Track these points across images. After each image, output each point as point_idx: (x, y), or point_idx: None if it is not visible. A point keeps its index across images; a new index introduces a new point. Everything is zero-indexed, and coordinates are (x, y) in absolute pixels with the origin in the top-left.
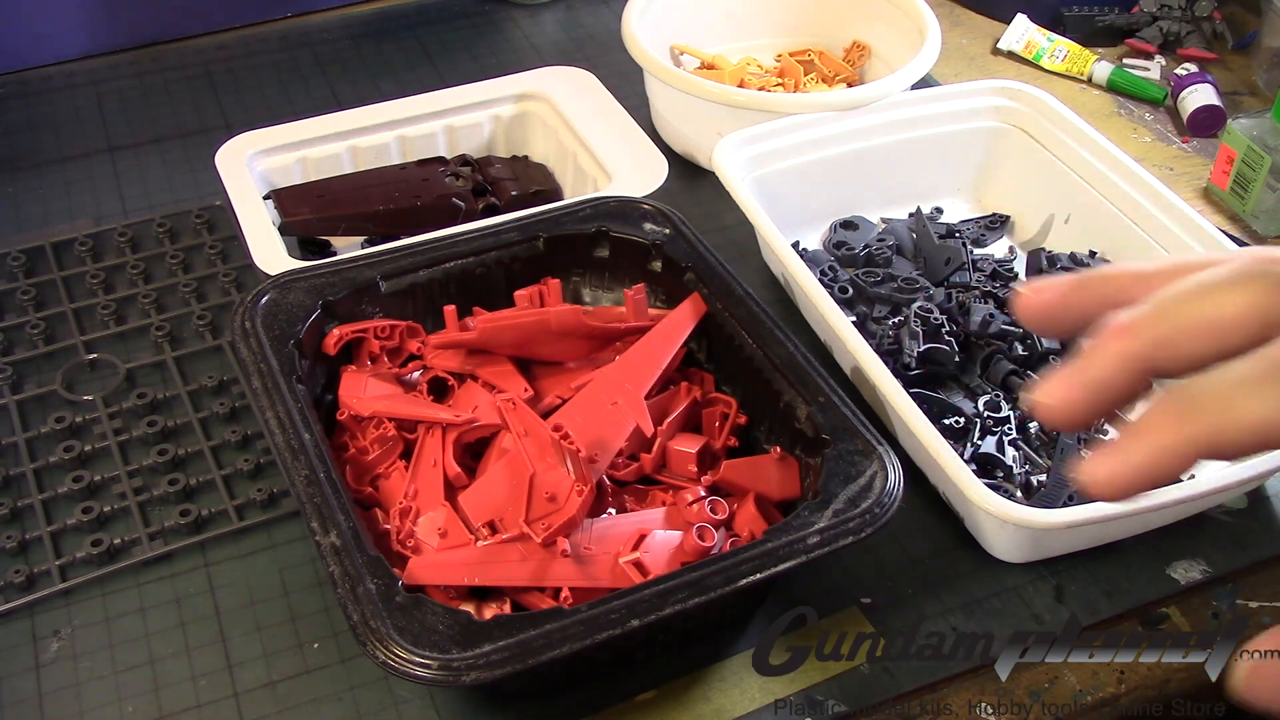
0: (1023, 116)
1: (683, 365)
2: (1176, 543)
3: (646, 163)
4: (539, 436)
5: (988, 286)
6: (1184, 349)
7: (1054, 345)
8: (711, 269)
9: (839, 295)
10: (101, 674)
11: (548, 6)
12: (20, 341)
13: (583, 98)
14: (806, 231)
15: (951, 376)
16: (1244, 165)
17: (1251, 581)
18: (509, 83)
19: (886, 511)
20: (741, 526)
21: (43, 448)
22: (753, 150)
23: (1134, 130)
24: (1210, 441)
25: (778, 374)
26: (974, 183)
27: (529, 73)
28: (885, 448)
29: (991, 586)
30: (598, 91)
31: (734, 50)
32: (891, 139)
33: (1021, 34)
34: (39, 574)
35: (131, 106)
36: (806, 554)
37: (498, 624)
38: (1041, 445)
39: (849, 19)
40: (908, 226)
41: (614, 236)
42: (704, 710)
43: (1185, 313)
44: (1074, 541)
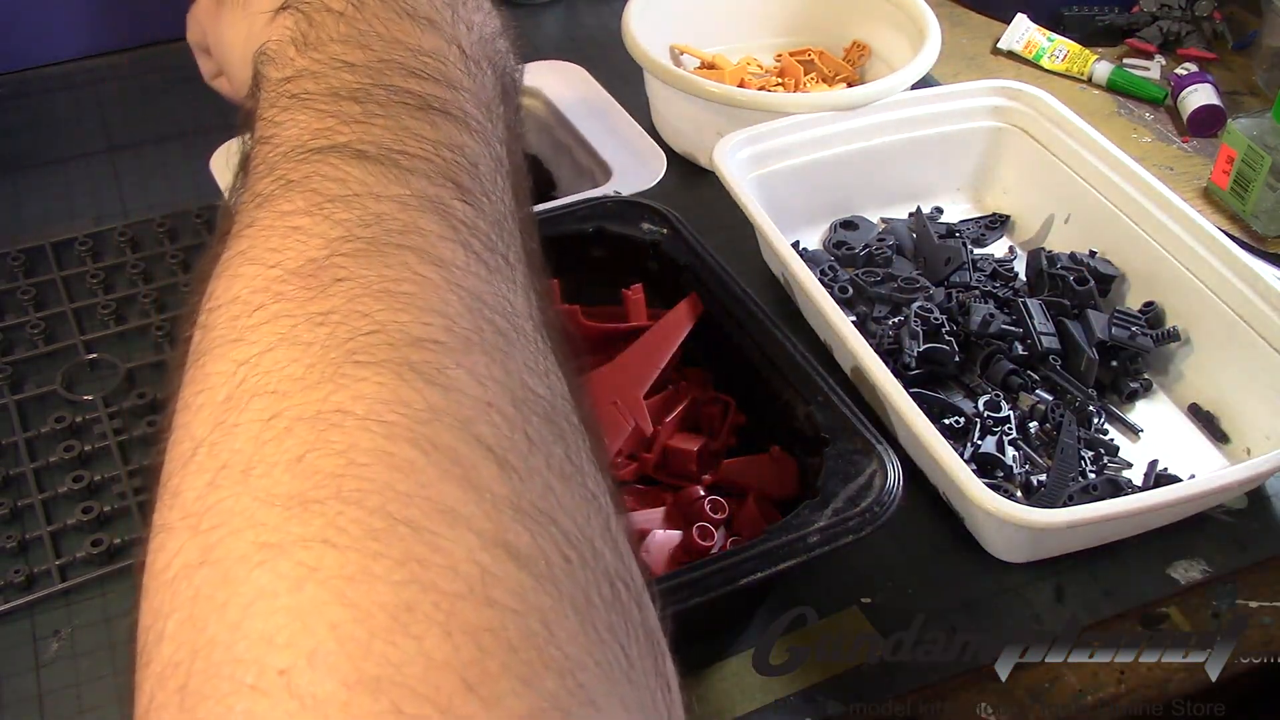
0: (1023, 116)
1: (681, 365)
2: (1176, 543)
3: (645, 157)
4: None
5: (988, 286)
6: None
7: (1054, 345)
8: (709, 268)
9: (839, 295)
10: (101, 674)
11: (548, 6)
12: (20, 341)
13: (576, 92)
14: (806, 231)
15: (951, 376)
16: (1244, 165)
17: (1251, 581)
18: None
19: (886, 510)
20: (741, 526)
21: (43, 448)
22: (753, 150)
23: (1134, 130)
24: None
25: (776, 373)
26: (974, 183)
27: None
28: (884, 446)
29: (991, 586)
30: (591, 86)
31: (734, 50)
32: (891, 139)
33: (1021, 34)
34: (39, 574)
35: (131, 106)
36: (806, 553)
37: None
38: (1041, 445)
39: (849, 19)
40: (908, 226)
41: (612, 236)
42: (704, 710)
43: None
44: (1074, 541)
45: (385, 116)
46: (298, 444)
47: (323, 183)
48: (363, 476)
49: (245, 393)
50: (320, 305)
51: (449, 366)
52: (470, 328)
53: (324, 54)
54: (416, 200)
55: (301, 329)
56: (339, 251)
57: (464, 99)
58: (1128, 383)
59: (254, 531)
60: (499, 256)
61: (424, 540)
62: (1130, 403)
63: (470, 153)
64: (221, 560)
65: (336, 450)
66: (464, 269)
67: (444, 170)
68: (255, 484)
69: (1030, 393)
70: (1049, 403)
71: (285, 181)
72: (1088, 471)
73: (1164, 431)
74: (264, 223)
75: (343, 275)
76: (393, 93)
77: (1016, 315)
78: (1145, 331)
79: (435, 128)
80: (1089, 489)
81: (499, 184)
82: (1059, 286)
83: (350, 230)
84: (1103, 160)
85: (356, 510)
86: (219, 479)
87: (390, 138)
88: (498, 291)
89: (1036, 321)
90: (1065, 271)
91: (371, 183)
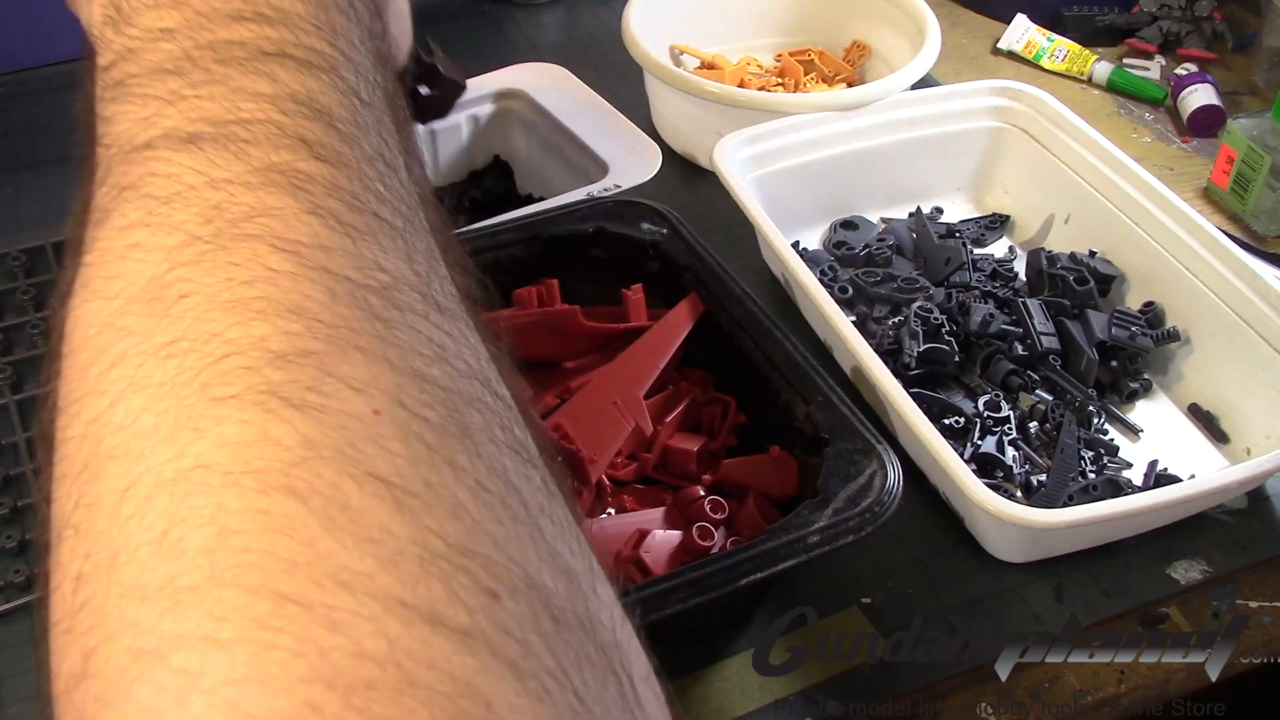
0: (1023, 116)
1: (681, 365)
2: (1176, 543)
3: (639, 150)
4: None
5: (988, 286)
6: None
7: (1054, 345)
8: (709, 268)
9: (839, 295)
10: None
11: (548, 6)
12: (20, 341)
13: (561, 93)
14: (806, 231)
15: (951, 376)
16: (1244, 165)
17: (1251, 581)
18: (482, 82)
19: (886, 510)
20: (741, 526)
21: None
22: (753, 150)
23: (1134, 130)
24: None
25: (776, 373)
26: (974, 183)
27: (499, 71)
28: (884, 446)
29: (991, 586)
30: (575, 85)
31: (734, 50)
32: (891, 139)
33: (1021, 34)
34: (39, 574)
35: None
36: (806, 553)
37: None
38: (1041, 445)
39: (849, 19)
40: (908, 226)
41: (611, 236)
42: (704, 710)
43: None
44: (1074, 541)
45: (212, 83)
46: (159, 517)
47: (155, 182)
48: (238, 548)
49: (100, 458)
50: (166, 333)
51: (319, 381)
52: (338, 321)
53: (139, 27)
54: (258, 176)
55: (149, 367)
56: (179, 262)
57: (303, 30)
58: (1128, 383)
59: (128, 635)
60: (369, 215)
61: (319, 618)
62: (1130, 403)
63: (320, 97)
64: (100, 673)
65: (204, 518)
66: (323, 246)
67: (290, 129)
68: (121, 574)
69: (1030, 393)
70: (1049, 403)
71: (118, 190)
72: (1088, 471)
73: (1164, 431)
74: (102, 245)
75: (186, 290)
76: (217, 50)
77: (1016, 315)
78: (1145, 331)
79: (273, 80)
80: (1089, 489)
81: (363, 124)
82: (1059, 286)
83: (189, 232)
84: (1103, 160)
85: (236, 594)
86: (86, 570)
87: (221, 109)
88: (369, 262)
89: (1036, 321)
90: (1065, 271)
91: (205, 168)
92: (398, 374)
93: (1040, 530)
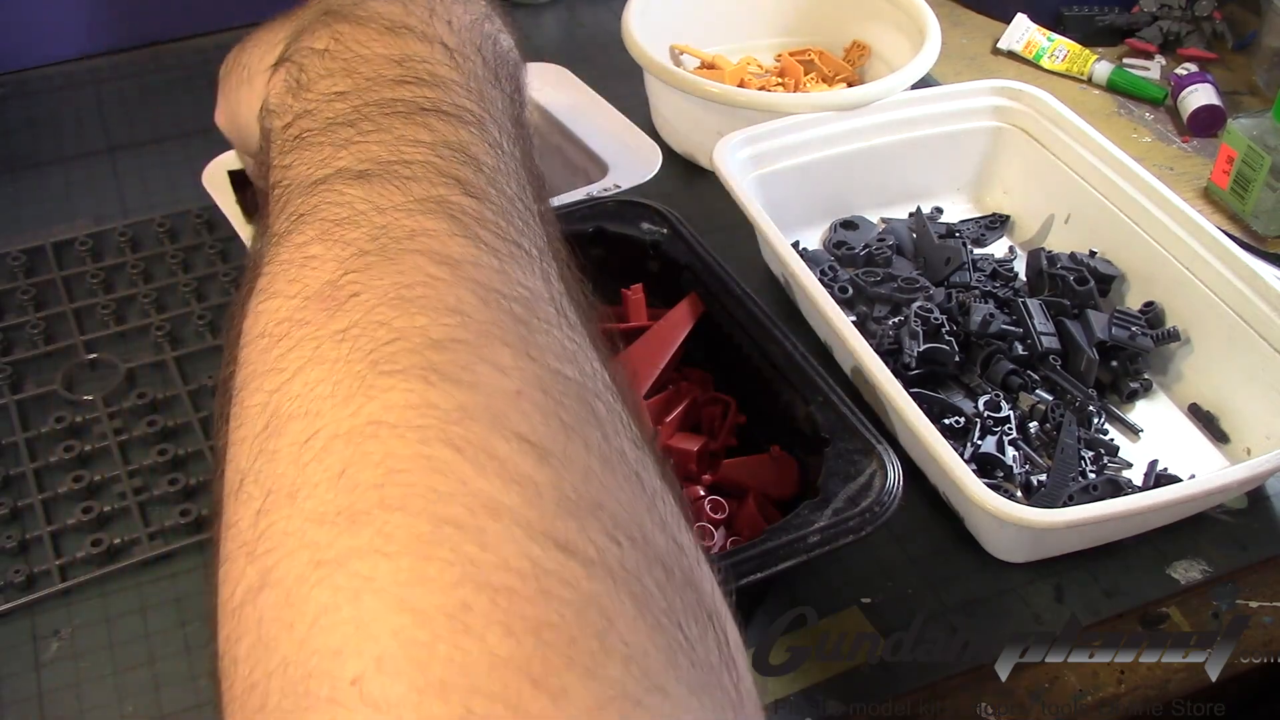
0: (1023, 116)
1: (681, 365)
2: (1176, 543)
3: (640, 150)
4: None
5: (988, 286)
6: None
7: (1054, 345)
8: (709, 268)
9: (839, 295)
10: (101, 674)
11: (548, 6)
12: (20, 341)
13: (561, 92)
14: (806, 231)
15: (951, 376)
16: (1244, 165)
17: (1251, 581)
18: None
19: (886, 510)
20: (741, 526)
21: (43, 448)
22: (753, 150)
23: (1134, 130)
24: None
25: (776, 373)
26: (974, 183)
27: None
28: (884, 446)
29: (991, 586)
30: (576, 85)
31: (734, 50)
32: (891, 139)
33: (1021, 34)
34: (39, 574)
35: (131, 106)
36: (806, 553)
37: None
38: (1041, 445)
39: (849, 19)
40: (908, 226)
41: (611, 236)
42: None
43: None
44: (1074, 541)
45: (379, 131)
46: (336, 460)
47: (329, 209)
48: (403, 483)
49: (281, 418)
50: (339, 322)
51: (472, 363)
52: (488, 320)
53: (315, 92)
54: (419, 205)
55: (325, 348)
56: (351, 269)
57: (456, 93)
58: (1128, 383)
59: (307, 551)
60: (511, 244)
61: (472, 538)
62: (1130, 403)
63: (470, 147)
64: (280, 581)
65: (374, 461)
66: (475, 263)
67: (445, 170)
68: (302, 505)
69: (1030, 393)
70: (1049, 403)
71: (297, 216)
72: (1088, 471)
73: (1164, 431)
74: (282, 258)
75: (357, 290)
76: (383, 106)
77: (1016, 315)
78: (1145, 331)
79: (431, 130)
80: (1089, 489)
81: (505, 171)
82: (1059, 286)
83: (360, 247)
84: (1103, 160)
85: (402, 516)
86: (267, 505)
87: (386, 151)
88: (513, 279)
89: (1036, 321)
90: (1065, 271)
91: (374, 198)
92: (537, 366)
93: (1040, 530)
